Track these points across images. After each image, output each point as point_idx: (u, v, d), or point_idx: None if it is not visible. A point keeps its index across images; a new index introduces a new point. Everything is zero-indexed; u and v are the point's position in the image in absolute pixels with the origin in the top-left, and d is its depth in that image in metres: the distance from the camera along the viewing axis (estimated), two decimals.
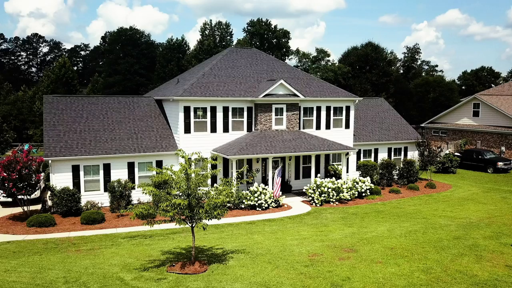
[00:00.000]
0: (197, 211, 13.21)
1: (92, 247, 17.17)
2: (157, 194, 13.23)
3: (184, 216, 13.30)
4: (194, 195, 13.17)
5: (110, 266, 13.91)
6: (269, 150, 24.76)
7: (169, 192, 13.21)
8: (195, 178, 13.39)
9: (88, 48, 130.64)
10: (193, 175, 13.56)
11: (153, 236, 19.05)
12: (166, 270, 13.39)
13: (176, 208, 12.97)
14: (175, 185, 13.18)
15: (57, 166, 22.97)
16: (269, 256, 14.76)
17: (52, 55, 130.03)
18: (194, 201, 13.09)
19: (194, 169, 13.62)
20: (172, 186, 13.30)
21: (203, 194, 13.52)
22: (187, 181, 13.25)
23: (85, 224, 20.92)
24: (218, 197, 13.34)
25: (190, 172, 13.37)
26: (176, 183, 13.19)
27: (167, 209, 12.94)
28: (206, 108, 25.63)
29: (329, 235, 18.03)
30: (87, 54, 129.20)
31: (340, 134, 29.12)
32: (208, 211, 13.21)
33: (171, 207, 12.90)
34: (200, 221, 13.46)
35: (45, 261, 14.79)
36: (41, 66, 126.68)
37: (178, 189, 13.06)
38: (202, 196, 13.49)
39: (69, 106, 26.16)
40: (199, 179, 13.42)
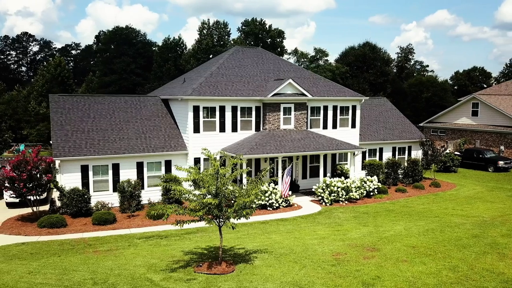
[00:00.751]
0: (225, 210, 13.09)
1: (110, 248, 16.97)
2: (186, 194, 13.08)
3: (212, 215, 13.17)
4: (223, 194, 13.05)
5: (135, 267, 13.74)
6: (278, 149, 24.71)
7: (200, 192, 13.08)
8: (224, 178, 13.26)
9: (79, 47, 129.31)
10: (227, 175, 13.42)
11: (168, 236, 18.88)
12: (194, 271, 13.26)
13: (205, 208, 12.84)
14: (204, 184, 13.04)
15: (66, 166, 22.68)
16: (294, 256, 14.71)
17: (42, 54, 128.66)
18: (224, 200, 12.98)
19: (226, 168, 13.50)
20: (200, 185, 13.15)
21: (232, 193, 13.40)
22: (216, 180, 13.12)
23: (96, 224, 20.68)
24: (247, 196, 13.24)
25: (223, 172, 13.24)
26: (205, 183, 13.05)
27: (196, 209, 12.81)
28: (215, 108, 25.49)
29: (347, 234, 18.02)
30: (78, 53, 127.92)
31: (346, 134, 29.18)
32: (237, 211, 13.10)
33: (200, 206, 12.77)
34: (228, 220, 13.35)
35: (66, 263, 14.58)
36: (31, 65, 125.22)
37: (207, 188, 12.92)
38: (231, 195, 13.37)
39: (76, 106, 25.86)
40: (228, 178, 13.30)
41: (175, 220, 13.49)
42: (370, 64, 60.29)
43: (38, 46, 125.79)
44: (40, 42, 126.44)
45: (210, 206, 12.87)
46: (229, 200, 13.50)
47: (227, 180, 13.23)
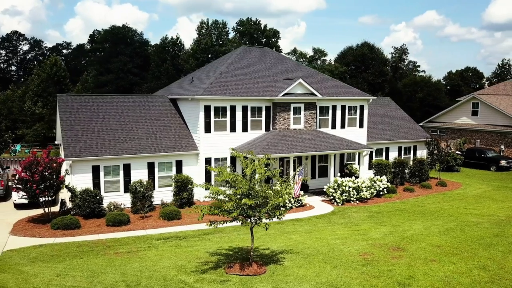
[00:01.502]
0: (258, 211, 12.96)
1: (130, 249, 16.74)
2: (221, 194, 12.93)
3: (245, 216, 13.04)
4: (255, 194, 12.93)
5: (164, 268, 13.56)
6: (290, 149, 24.64)
7: (234, 192, 12.93)
8: (257, 178, 13.14)
9: (70, 47, 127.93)
10: (257, 176, 13.30)
11: (186, 237, 18.69)
12: (225, 272, 13.12)
13: (239, 208, 12.71)
14: (238, 184, 12.90)
15: (77, 166, 22.36)
16: (321, 256, 14.63)
17: (33, 53, 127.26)
18: (259, 201, 12.85)
19: (262, 169, 13.37)
20: (234, 186, 13.00)
21: (265, 193, 13.26)
22: (250, 181, 13.00)
23: (111, 226, 20.40)
24: (279, 196, 13.14)
25: (261, 172, 13.12)
26: (238, 183, 12.91)
27: (230, 210, 12.68)
28: (225, 108, 25.34)
29: (368, 234, 18.00)
30: (69, 53, 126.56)
31: (354, 133, 29.20)
32: (270, 211, 12.99)
33: (235, 207, 12.64)
34: (260, 221, 13.22)
35: (91, 265, 14.34)
36: (21, 65, 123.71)
37: (241, 189, 12.77)
38: (264, 195, 13.23)
39: (84, 105, 25.53)
40: (259, 178, 13.18)
41: (208, 220, 13.32)
42: (369, 64, 60.53)
43: (29, 45, 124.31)
44: (30, 41, 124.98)
45: (244, 207, 12.74)
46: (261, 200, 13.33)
47: (257, 181, 13.12)
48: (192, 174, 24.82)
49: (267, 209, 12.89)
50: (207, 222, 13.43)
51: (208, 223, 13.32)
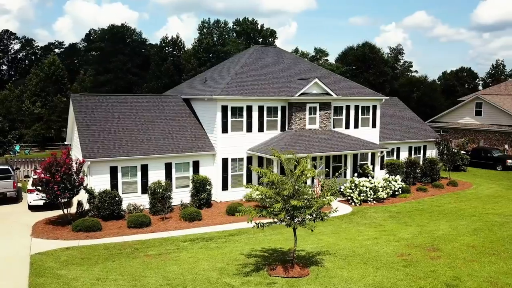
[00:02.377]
0: (303, 212, 12.82)
1: (160, 251, 16.48)
2: (270, 196, 12.77)
3: (290, 217, 12.89)
4: (301, 196, 12.79)
5: (204, 271, 13.36)
6: (308, 149, 24.53)
7: (279, 193, 12.77)
8: (303, 179, 13.01)
9: (62, 46, 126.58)
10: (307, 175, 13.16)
11: (213, 238, 18.46)
12: (269, 274, 12.97)
13: (285, 210, 12.57)
14: (283, 186, 12.75)
15: (95, 167, 22.02)
16: (359, 257, 14.55)
17: (24, 53, 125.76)
18: (305, 202, 12.72)
19: (313, 169, 13.23)
20: (281, 187, 12.84)
21: (310, 194, 13.13)
22: (296, 181, 12.86)
23: (133, 227, 20.09)
24: (325, 197, 13.02)
25: (309, 173, 12.98)
26: (284, 184, 12.77)
27: (276, 211, 12.52)
28: (242, 108, 25.15)
29: (397, 234, 17.96)
30: (61, 52, 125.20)
31: (367, 133, 29.18)
32: (315, 212, 12.86)
33: (281, 208, 12.49)
34: (304, 222, 13.06)
35: (127, 268, 14.09)
36: (12, 64, 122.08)
37: (287, 190, 12.62)
38: (310, 196, 13.09)
39: (99, 105, 25.17)
40: (305, 179, 13.05)
41: (255, 222, 13.13)
42: (369, 64, 60.72)
43: (20, 44, 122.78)
44: (21, 40, 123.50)
45: (289, 208, 12.61)
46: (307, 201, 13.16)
47: (302, 181, 12.99)
48: (208, 174, 24.58)
49: (313, 210, 12.76)
50: (254, 224, 13.17)
51: (255, 226, 13.08)
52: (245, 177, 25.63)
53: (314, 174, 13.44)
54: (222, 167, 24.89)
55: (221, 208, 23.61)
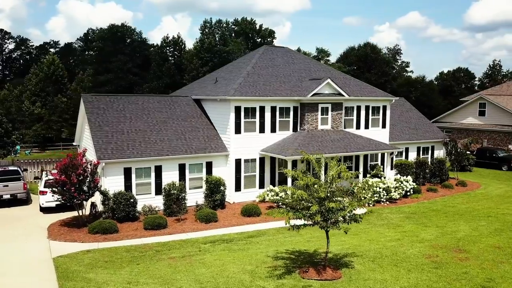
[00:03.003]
0: (336, 213, 12.71)
1: (182, 254, 16.31)
2: (304, 198, 12.64)
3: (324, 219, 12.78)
4: (334, 198, 12.70)
5: (236, 274, 13.22)
6: (322, 150, 24.45)
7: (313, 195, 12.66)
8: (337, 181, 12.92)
9: (58, 45, 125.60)
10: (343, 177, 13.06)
11: (233, 240, 18.30)
12: (301, 277, 12.86)
13: (320, 212, 12.46)
14: (320, 188, 12.65)
15: (109, 169, 21.78)
16: (388, 259, 14.48)
17: (19, 52, 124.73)
18: (340, 205, 12.61)
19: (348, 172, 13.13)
20: (316, 190, 12.73)
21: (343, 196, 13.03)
22: (330, 184, 12.76)
23: (149, 229, 19.85)
24: (357, 200, 12.92)
25: (346, 175, 12.88)
26: (319, 186, 12.67)
27: (311, 213, 12.42)
28: (255, 108, 25.01)
29: (419, 235, 17.92)
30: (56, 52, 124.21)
31: (377, 134, 29.17)
32: (350, 214, 12.76)
33: (317, 211, 12.38)
34: (336, 224, 12.96)
35: (155, 271, 13.92)
36: (7, 64, 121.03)
37: (323, 192, 12.52)
38: (343, 198, 12.99)
39: (110, 106, 24.93)
40: (339, 180, 12.96)
41: (290, 225, 12.98)
42: (371, 65, 60.79)
43: (14, 44, 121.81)
44: (16, 40, 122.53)
45: (323, 210, 12.51)
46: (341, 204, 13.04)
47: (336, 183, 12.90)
48: (221, 175, 24.41)
49: (347, 212, 12.66)
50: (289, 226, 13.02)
51: (290, 228, 12.95)
52: (257, 178, 25.50)
53: (352, 176, 13.35)
54: (235, 168, 24.75)
55: (236, 209, 23.46)
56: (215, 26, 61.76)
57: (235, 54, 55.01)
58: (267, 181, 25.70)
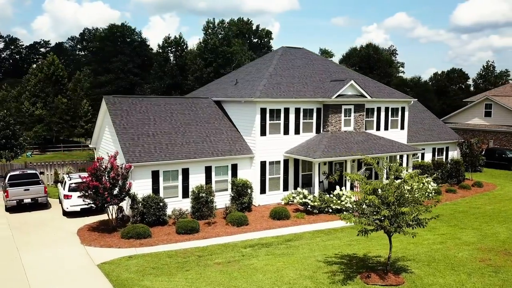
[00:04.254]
0: (402, 218, 12.55)
1: (227, 259, 16.03)
2: (376, 204, 12.46)
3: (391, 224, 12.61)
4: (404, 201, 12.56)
5: (296, 280, 13.01)
6: (348, 152, 24.36)
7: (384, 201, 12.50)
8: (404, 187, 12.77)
9: (49, 45, 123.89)
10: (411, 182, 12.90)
11: (272, 244, 18.07)
12: (365, 282, 12.68)
13: (388, 217, 12.31)
14: (389, 193, 12.49)
15: (137, 172, 21.37)
16: (442, 263, 14.39)
17: (8, 52, 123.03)
18: (413, 209, 12.46)
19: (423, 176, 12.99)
20: (385, 194, 12.56)
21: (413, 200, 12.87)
22: (398, 188, 12.61)
23: (183, 233, 19.52)
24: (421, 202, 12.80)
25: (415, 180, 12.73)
26: (388, 191, 12.51)
27: (379, 218, 12.26)
28: (280, 110, 24.80)
29: (461, 238, 17.90)
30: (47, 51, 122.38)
31: (396, 135, 29.17)
32: (417, 218, 12.62)
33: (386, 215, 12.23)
34: (400, 228, 12.77)
35: (210, 277, 13.63)
36: None
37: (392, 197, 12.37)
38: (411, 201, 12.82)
39: (133, 108, 24.50)
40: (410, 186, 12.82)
41: (359, 230, 12.78)
42: (373, 65, 60.98)
43: (4, 43, 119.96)
44: (5, 39, 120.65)
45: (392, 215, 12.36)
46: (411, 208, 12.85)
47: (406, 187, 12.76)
48: (246, 177, 24.15)
49: (414, 216, 12.52)
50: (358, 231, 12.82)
51: (360, 233, 12.76)
52: (281, 180, 25.29)
53: (423, 180, 13.24)
54: (260, 170, 24.51)
55: (263, 212, 23.24)
56: (218, 27, 61.32)
57: (238, 54, 54.68)
58: (291, 184, 25.51)
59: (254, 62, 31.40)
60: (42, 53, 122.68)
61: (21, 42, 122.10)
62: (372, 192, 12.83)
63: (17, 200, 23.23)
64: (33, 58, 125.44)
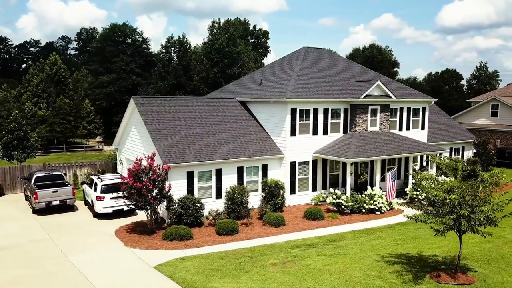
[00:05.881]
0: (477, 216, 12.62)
1: (280, 260, 15.98)
2: (455, 204, 12.49)
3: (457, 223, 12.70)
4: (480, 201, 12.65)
5: (365, 279, 13.02)
6: (378, 152, 24.49)
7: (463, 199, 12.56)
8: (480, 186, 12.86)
9: (39, 45, 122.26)
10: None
11: (317, 244, 18.05)
12: (437, 282, 12.73)
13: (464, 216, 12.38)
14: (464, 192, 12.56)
15: (173, 173, 21.15)
16: (503, 262, 14.56)
17: None
18: (492, 207, 12.55)
19: None
20: (462, 193, 12.63)
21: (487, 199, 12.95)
22: (473, 187, 12.70)
23: (224, 234, 19.40)
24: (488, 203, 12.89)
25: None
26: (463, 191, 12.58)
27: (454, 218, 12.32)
28: (309, 110, 24.81)
29: (506, 236, 18.10)
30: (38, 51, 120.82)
31: (417, 135, 29.40)
32: (489, 216, 12.70)
33: (464, 215, 12.30)
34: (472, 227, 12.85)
35: (277, 278, 13.57)
36: None
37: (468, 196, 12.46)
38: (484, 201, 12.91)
39: (162, 108, 24.29)
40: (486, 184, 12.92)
41: (435, 229, 12.82)
42: (377, 66, 61.43)
43: None
44: None
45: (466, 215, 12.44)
46: None
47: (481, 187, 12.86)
48: (275, 178, 24.12)
49: (488, 215, 12.61)
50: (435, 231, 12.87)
51: (437, 233, 12.82)
52: (310, 180, 25.30)
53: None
54: (290, 170, 24.50)
55: (295, 213, 23.23)
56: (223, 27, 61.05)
57: (243, 54, 54.56)
58: (319, 184, 25.55)
59: (276, 62, 31.36)
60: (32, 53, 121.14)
61: (10, 42, 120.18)
62: (448, 191, 12.88)
63: (46, 202, 22.83)
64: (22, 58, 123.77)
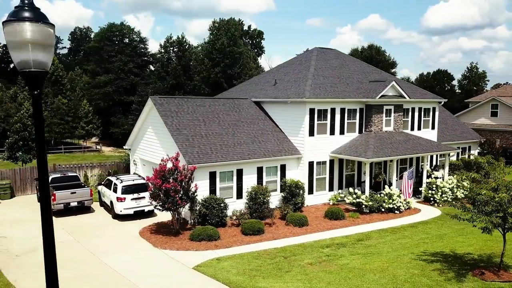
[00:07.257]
0: None
1: (314, 259, 16.06)
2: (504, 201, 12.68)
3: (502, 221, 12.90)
4: None
5: (410, 277, 13.15)
6: (395, 151, 24.72)
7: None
8: None
9: None
10: None
11: (346, 244, 18.17)
12: (482, 279, 12.91)
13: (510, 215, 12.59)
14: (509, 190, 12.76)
15: (196, 173, 21.02)
16: None
17: None
18: None
19: None
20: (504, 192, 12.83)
21: None
22: None
23: (250, 234, 19.41)
24: None
25: None
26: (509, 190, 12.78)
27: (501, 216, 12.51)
28: (327, 110, 24.94)
29: None
30: None
31: (427, 135, 29.74)
32: None
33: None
34: None
35: (322, 278, 13.63)
36: None
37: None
38: None
39: (181, 108, 24.20)
40: None
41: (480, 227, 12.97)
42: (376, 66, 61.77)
43: None
44: None
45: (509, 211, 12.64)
46: None
47: None
48: (293, 178, 24.19)
49: None
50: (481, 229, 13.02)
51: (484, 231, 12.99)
52: (327, 180, 25.43)
53: None
54: (308, 170, 24.60)
55: (315, 212, 23.33)
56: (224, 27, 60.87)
57: (244, 54, 54.52)
58: (335, 184, 25.69)
59: (288, 62, 31.42)
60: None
61: None
62: (494, 190, 13.07)
63: (64, 204, 22.58)
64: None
